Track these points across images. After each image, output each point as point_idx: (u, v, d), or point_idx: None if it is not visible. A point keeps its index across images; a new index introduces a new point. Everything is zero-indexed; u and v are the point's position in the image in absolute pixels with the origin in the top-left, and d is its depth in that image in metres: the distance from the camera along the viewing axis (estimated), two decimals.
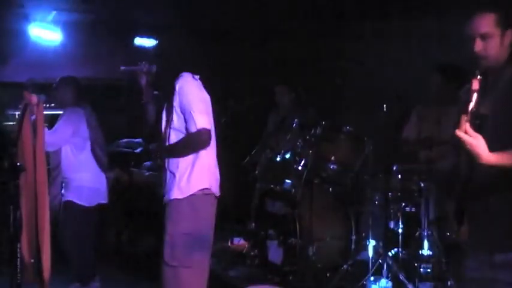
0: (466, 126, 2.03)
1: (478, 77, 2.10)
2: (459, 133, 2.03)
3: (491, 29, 2.26)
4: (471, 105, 2.05)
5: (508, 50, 2.30)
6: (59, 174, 4.65)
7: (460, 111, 2.08)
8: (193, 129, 3.27)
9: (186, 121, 3.31)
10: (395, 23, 5.91)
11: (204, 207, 3.40)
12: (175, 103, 3.33)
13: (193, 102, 3.30)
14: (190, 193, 3.32)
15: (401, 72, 5.71)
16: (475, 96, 2.06)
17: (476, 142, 2.04)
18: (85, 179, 4.66)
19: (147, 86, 3.44)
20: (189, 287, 3.35)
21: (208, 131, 3.30)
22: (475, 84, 2.07)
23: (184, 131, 3.34)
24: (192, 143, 3.32)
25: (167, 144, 3.39)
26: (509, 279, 2.22)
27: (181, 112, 3.32)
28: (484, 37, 2.27)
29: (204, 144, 3.32)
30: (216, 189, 3.44)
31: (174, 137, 3.37)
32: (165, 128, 3.39)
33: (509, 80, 2.27)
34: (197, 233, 3.36)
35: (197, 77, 3.43)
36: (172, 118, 3.35)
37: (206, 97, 3.41)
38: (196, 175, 3.34)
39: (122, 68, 3.42)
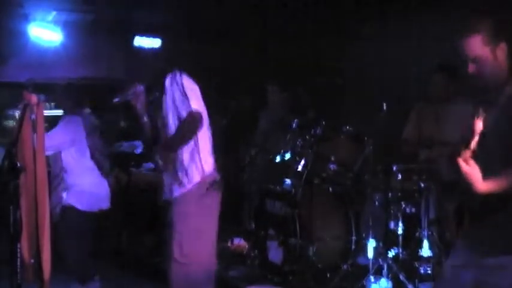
0: (467, 156, 2.10)
1: (481, 117, 2.09)
2: (459, 161, 2.11)
3: (480, 50, 2.26)
4: (473, 143, 2.09)
5: (507, 61, 2.28)
6: (60, 183, 4.63)
7: (463, 144, 2.13)
8: (185, 114, 3.32)
9: (179, 111, 3.36)
10: (395, 22, 5.91)
11: (211, 202, 3.45)
12: (168, 99, 3.38)
13: (183, 91, 3.35)
14: (197, 180, 3.37)
15: (401, 72, 5.71)
16: (477, 137, 2.09)
17: (473, 172, 2.12)
18: (86, 184, 4.64)
19: (143, 108, 3.50)
20: (200, 282, 3.42)
21: (199, 112, 3.34)
22: (478, 126, 2.08)
23: (177, 124, 3.40)
24: (186, 126, 3.35)
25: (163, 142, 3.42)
26: (500, 282, 2.22)
27: (174, 105, 3.37)
28: (475, 60, 2.27)
29: (197, 125, 3.34)
30: (217, 176, 3.50)
31: (171, 133, 3.41)
32: (162, 127, 3.42)
33: (507, 98, 2.26)
34: (205, 228, 3.43)
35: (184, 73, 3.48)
36: (167, 115, 3.40)
37: (194, 86, 3.45)
38: (199, 163, 3.39)
39: (116, 100, 3.49)
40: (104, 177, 4.75)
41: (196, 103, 3.36)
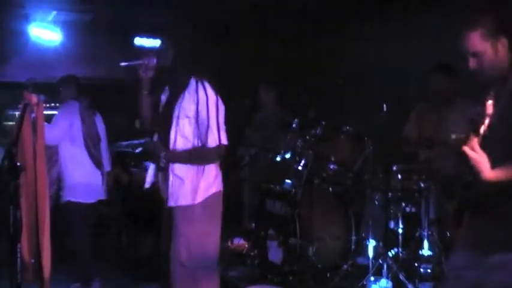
0: (474, 143, 2.07)
1: (490, 101, 2.08)
2: (466, 149, 2.08)
3: (480, 45, 2.27)
4: (482, 128, 2.07)
5: (509, 55, 2.28)
6: (54, 173, 4.64)
7: (471, 129, 2.10)
8: (212, 143, 3.28)
9: (202, 132, 3.29)
10: (395, 22, 5.91)
11: (216, 208, 3.44)
12: (190, 110, 3.30)
13: (216, 117, 3.31)
14: (204, 198, 3.34)
15: (401, 72, 5.70)
16: (487, 120, 2.07)
17: (481, 159, 2.09)
18: (78, 175, 4.64)
19: (148, 80, 3.40)
20: (205, 285, 3.38)
21: (226, 147, 3.35)
22: (489, 108, 2.07)
23: (192, 139, 3.31)
24: (211, 156, 3.35)
25: (175, 149, 3.33)
26: (502, 279, 2.22)
27: (198, 122, 3.29)
28: (475, 54, 2.28)
29: (219, 160, 3.41)
30: (221, 188, 3.50)
31: (181, 143, 3.32)
32: (173, 132, 3.34)
33: (509, 91, 2.26)
34: (211, 233, 3.40)
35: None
36: (182, 123, 3.31)
37: (224, 111, 3.41)
38: (208, 181, 3.35)
39: (123, 63, 3.40)
40: (97, 169, 4.75)
41: (225, 134, 3.35)
